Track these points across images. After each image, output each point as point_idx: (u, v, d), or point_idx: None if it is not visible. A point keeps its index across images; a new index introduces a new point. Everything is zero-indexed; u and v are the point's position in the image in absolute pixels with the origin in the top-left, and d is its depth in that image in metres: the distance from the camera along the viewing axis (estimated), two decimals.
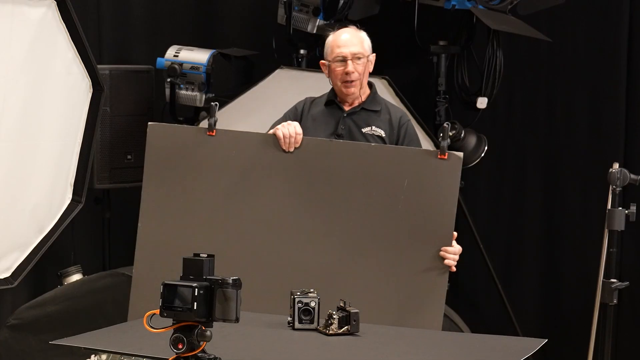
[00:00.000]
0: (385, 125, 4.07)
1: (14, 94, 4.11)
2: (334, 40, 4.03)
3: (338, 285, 3.63)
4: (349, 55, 3.97)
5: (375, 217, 3.75)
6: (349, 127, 4.04)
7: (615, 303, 3.90)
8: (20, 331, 4.37)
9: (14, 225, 4.29)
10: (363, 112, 4.08)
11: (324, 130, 4.06)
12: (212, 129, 3.77)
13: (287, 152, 3.78)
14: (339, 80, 4.02)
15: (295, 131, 3.83)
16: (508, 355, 3.04)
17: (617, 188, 3.87)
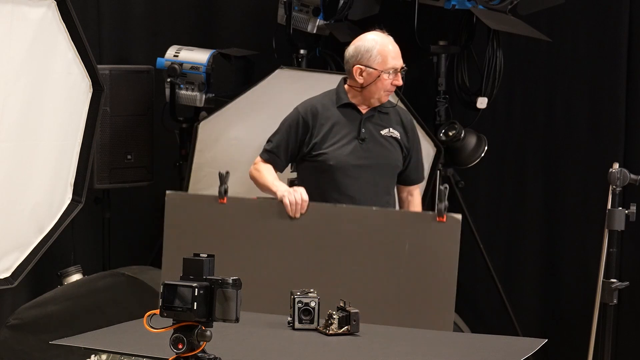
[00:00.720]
0: (398, 126, 4.12)
1: (14, 94, 4.10)
2: (386, 51, 4.04)
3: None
4: (399, 68, 4.04)
5: (379, 280, 3.79)
6: (370, 130, 4.08)
7: (615, 303, 3.90)
8: (20, 331, 4.37)
9: (14, 225, 4.29)
10: (378, 114, 4.12)
11: (345, 134, 4.08)
12: (223, 196, 3.94)
13: (294, 218, 3.88)
14: (385, 90, 4.05)
15: (301, 198, 3.91)
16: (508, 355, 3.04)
17: (617, 188, 3.86)
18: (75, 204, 4.50)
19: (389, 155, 4.09)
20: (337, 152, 4.06)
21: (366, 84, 4.06)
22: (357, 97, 4.10)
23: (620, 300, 4.01)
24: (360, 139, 4.05)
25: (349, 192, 4.03)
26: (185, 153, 5.12)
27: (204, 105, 5.09)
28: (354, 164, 4.05)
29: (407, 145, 4.14)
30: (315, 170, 4.10)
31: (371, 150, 4.07)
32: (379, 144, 4.08)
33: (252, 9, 5.65)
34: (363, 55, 4.05)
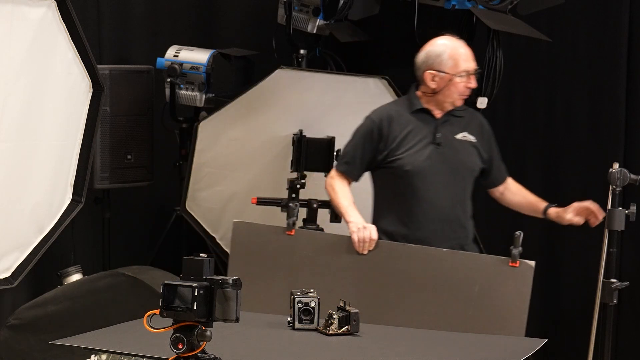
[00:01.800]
0: (474, 130, 4.12)
1: (14, 94, 4.10)
2: (458, 54, 4.05)
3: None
4: (471, 70, 4.04)
5: (445, 322, 3.73)
6: (445, 135, 4.08)
7: (615, 303, 3.90)
8: (20, 331, 4.36)
9: (14, 225, 4.29)
10: (452, 118, 4.12)
11: (420, 139, 4.07)
12: (291, 228, 3.98)
13: (361, 254, 3.87)
14: (458, 93, 4.05)
15: (370, 237, 3.88)
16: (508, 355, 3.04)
17: (617, 188, 3.86)
18: (75, 204, 4.50)
19: (465, 159, 4.08)
20: (413, 157, 4.03)
21: (439, 88, 4.05)
22: (430, 102, 4.09)
23: (620, 300, 4.00)
24: (435, 143, 4.04)
25: (426, 197, 4.00)
26: (185, 153, 5.12)
27: (204, 105, 5.09)
28: (431, 168, 4.03)
29: (485, 148, 4.13)
30: (392, 176, 4.07)
31: (447, 154, 4.05)
32: (455, 148, 4.06)
33: (252, 9, 5.65)
34: (434, 60, 4.06)
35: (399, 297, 3.85)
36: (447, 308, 3.80)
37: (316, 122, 4.91)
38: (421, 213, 4.02)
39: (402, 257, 3.88)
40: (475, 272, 3.80)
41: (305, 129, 4.77)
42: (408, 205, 4.01)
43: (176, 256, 5.01)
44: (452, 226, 4.03)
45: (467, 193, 4.11)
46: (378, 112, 4.17)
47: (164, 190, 5.46)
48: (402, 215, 4.04)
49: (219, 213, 5.04)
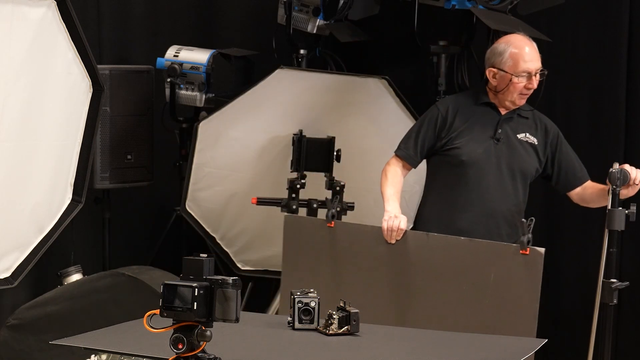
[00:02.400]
0: (537, 133, 4.14)
1: (14, 94, 4.10)
2: (519, 54, 4.04)
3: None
4: (534, 71, 4.03)
5: (464, 309, 3.85)
6: (506, 132, 4.10)
7: (615, 303, 3.90)
8: (20, 331, 4.37)
9: (14, 225, 4.29)
10: (517, 117, 4.14)
11: (481, 132, 4.10)
12: (330, 221, 4.13)
13: (390, 244, 3.98)
14: (518, 93, 4.06)
15: (398, 226, 3.95)
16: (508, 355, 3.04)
17: (617, 188, 3.86)
18: (75, 204, 4.50)
19: (521, 159, 4.10)
20: (471, 148, 4.07)
21: (499, 87, 4.08)
22: (495, 98, 4.13)
23: (620, 300, 4.00)
24: (495, 138, 4.08)
25: (475, 189, 4.04)
26: (185, 153, 5.12)
27: (204, 105, 5.09)
28: (485, 162, 4.07)
29: (547, 153, 4.14)
30: (447, 164, 4.13)
31: (504, 151, 4.09)
32: (513, 147, 4.09)
33: (252, 9, 5.65)
34: (496, 57, 4.07)
35: (423, 286, 3.95)
36: (466, 297, 3.87)
37: (316, 122, 4.91)
38: (468, 204, 4.07)
39: (425, 247, 3.97)
40: (491, 260, 3.85)
41: (305, 129, 4.77)
42: (456, 194, 4.06)
43: (176, 256, 5.01)
44: (497, 222, 4.05)
45: (518, 192, 4.13)
46: (445, 101, 4.25)
47: (164, 190, 5.46)
48: (448, 204, 4.10)
49: (219, 213, 5.04)
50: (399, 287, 3.99)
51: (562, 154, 4.18)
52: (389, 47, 5.49)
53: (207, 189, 4.98)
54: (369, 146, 4.95)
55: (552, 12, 5.03)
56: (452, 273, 3.91)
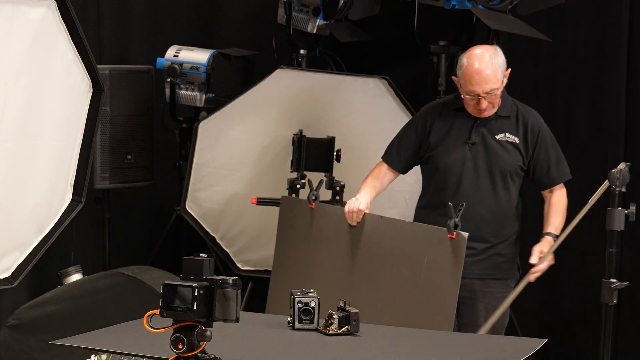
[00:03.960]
0: (519, 131, 4.12)
1: (14, 94, 4.10)
2: (468, 74, 4.00)
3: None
4: (481, 94, 4.00)
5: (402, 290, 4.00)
6: (482, 134, 4.10)
7: (615, 303, 3.89)
8: (20, 331, 4.37)
9: (14, 225, 4.28)
10: (496, 118, 4.12)
11: (457, 138, 4.12)
12: (311, 202, 4.37)
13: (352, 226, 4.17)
14: (471, 108, 4.07)
15: (357, 208, 4.11)
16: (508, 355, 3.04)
17: (617, 188, 3.86)
18: (75, 204, 4.50)
19: (499, 160, 4.09)
20: (446, 154, 4.11)
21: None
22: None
23: (620, 300, 4.00)
24: (470, 142, 4.09)
25: (455, 195, 4.06)
26: (185, 153, 5.12)
27: (204, 105, 5.09)
28: (462, 167, 4.09)
29: (530, 150, 4.12)
30: (429, 171, 4.21)
31: (481, 154, 4.09)
32: (490, 149, 4.09)
33: (252, 9, 5.65)
34: (457, 69, 4.09)
35: (373, 266, 4.11)
36: (405, 278, 3.99)
37: (316, 122, 4.91)
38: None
39: (378, 229, 4.12)
40: (426, 243, 3.96)
41: (305, 129, 4.77)
42: (439, 200, 4.08)
43: (176, 256, 5.00)
44: (476, 225, 4.05)
45: (499, 193, 4.13)
46: (428, 106, 4.29)
47: (164, 190, 5.46)
48: (432, 208, 4.15)
49: (219, 213, 5.05)
50: (353, 266, 4.16)
51: (539, 151, 4.15)
52: (389, 47, 5.49)
53: (207, 189, 4.98)
54: (369, 146, 4.95)
55: (552, 12, 5.03)
56: (395, 255, 4.03)
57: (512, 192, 4.16)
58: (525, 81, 5.34)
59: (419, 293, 3.93)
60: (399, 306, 3.97)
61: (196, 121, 4.93)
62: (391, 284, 4.03)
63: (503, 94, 4.12)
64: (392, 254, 4.05)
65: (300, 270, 4.35)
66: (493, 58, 4.01)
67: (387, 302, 4.00)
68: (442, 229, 3.89)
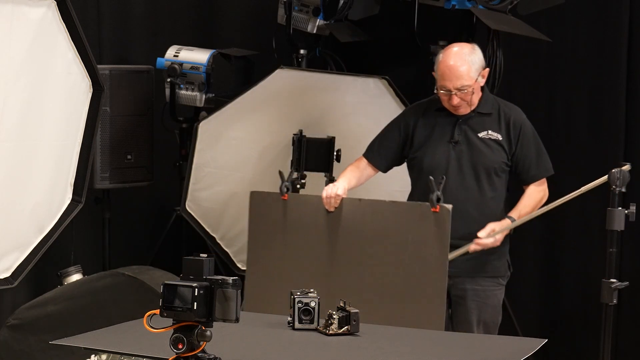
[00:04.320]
0: (501, 128, 4.14)
1: (14, 94, 4.10)
2: (441, 69, 4.07)
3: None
4: (452, 90, 4.04)
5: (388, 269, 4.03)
6: (465, 133, 4.13)
7: (615, 303, 3.89)
8: (20, 331, 4.37)
9: (14, 225, 4.28)
10: (477, 115, 4.15)
11: (440, 137, 4.15)
12: (284, 193, 4.29)
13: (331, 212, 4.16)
14: (446, 104, 4.11)
15: (335, 193, 4.12)
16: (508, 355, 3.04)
17: (617, 188, 3.86)
18: (75, 204, 4.50)
19: (483, 157, 4.12)
20: (430, 153, 4.15)
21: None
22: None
23: (620, 300, 4.00)
24: (453, 141, 4.12)
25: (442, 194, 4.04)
26: (185, 153, 5.12)
27: (204, 105, 5.09)
28: (446, 166, 4.11)
29: (512, 146, 4.14)
30: (415, 171, 4.24)
31: (464, 152, 4.12)
32: (474, 147, 4.12)
33: (252, 9, 5.65)
34: (435, 67, 4.13)
35: (356, 249, 4.12)
36: (390, 257, 4.03)
37: (316, 122, 4.91)
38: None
39: (358, 212, 4.14)
40: (409, 220, 4.01)
41: (305, 129, 4.76)
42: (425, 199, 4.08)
43: (176, 256, 5.00)
44: (464, 222, 4.06)
45: (484, 190, 4.14)
46: (412, 106, 4.34)
47: (164, 190, 5.46)
48: None
49: (219, 213, 5.04)
50: (336, 252, 4.16)
51: (521, 148, 4.17)
52: (389, 47, 5.49)
53: (207, 189, 4.98)
54: None
55: (552, 12, 5.03)
56: (378, 235, 4.07)
57: (499, 189, 4.17)
58: (525, 81, 5.35)
59: (406, 270, 3.97)
60: (387, 286, 3.99)
61: (196, 121, 4.93)
62: (377, 265, 4.05)
63: (484, 91, 4.16)
64: (374, 235, 4.07)
65: (279, 264, 4.30)
66: (468, 55, 4.06)
67: (374, 284, 4.02)
68: (424, 203, 3.96)
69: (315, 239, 4.23)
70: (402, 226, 4.01)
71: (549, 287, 5.35)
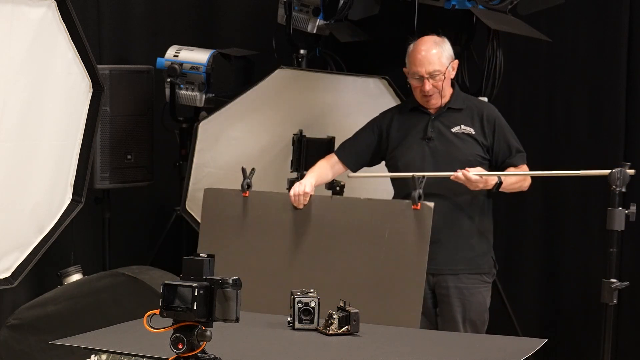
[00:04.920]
0: (474, 122, 4.19)
1: (14, 94, 4.10)
2: (412, 56, 4.15)
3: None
4: (425, 74, 4.11)
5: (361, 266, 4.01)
6: (438, 129, 4.18)
7: (615, 303, 3.90)
8: (20, 331, 4.36)
9: (14, 225, 4.29)
10: (450, 111, 4.21)
11: (414, 137, 4.20)
12: (245, 190, 4.23)
13: (298, 209, 4.13)
14: (419, 95, 4.17)
15: (304, 191, 4.12)
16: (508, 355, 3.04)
17: (617, 188, 3.86)
18: (75, 204, 4.50)
19: (458, 152, 4.15)
20: (405, 153, 4.19)
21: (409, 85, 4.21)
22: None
23: (620, 300, 4.00)
24: (427, 138, 4.16)
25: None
26: (185, 153, 5.12)
27: (204, 105, 5.09)
28: (422, 164, 4.15)
29: (488, 141, 4.18)
30: (392, 169, 4.28)
31: (439, 148, 4.16)
32: (448, 142, 4.17)
33: (252, 9, 5.65)
34: (406, 59, 4.20)
35: (326, 246, 4.09)
36: (364, 254, 4.01)
37: (316, 122, 4.91)
38: None
39: (329, 209, 4.13)
40: (386, 217, 4.00)
41: (305, 129, 4.76)
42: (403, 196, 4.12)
43: (176, 256, 5.01)
44: (442, 217, 4.07)
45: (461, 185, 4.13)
46: (388, 109, 4.37)
47: (164, 190, 5.46)
48: None
49: None
50: (304, 249, 4.13)
51: (499, 141, 4.21)
52: (389, 47, 5.48)
53: None
54: None
55: (552, 12, 5.03)
56: (351, 232, 4.05)
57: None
58: (525, 81, 5.35)
59: (381, 268, 3.96)
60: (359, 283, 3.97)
61: (196, 121, 4.93)
62: (348, 262, 4.03)
63: (455, 88, 4.23)
64: (345, 231, 4.06)
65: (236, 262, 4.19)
66: (439, 44, 4.16)
67: (344, 281, 3.99)
68: (405, 201, 3.98)
69: (279, 235, 4.18)
70: (378, 222, 4.00)
71: (549, 287, 5.35)
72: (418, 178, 3.92)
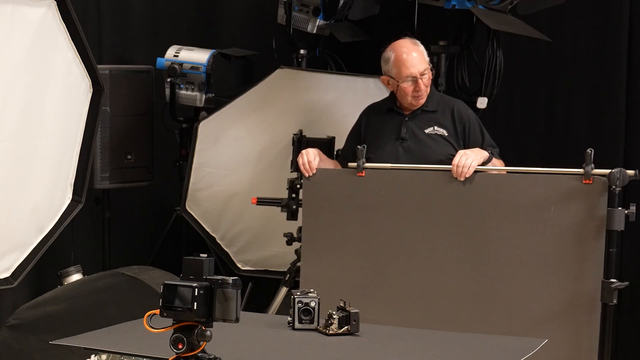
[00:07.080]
0: (447, 122, 4.24)
1: (14, 94, 4.10)
2: (400, 61, 4.22)
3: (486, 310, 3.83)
4: (417, 75, 4.18)
5: (523, 244, 3.85)
6: (411, 130, 4.24)
7: (615, 303, 3.89)
8: (20, 331, 4.37)
9: (14, 225, 4.29)
10: (423, 113, 4.28)
11: (389, 137, 4.26)
12: (361, 169, 4.08)
13: (427, 188, 3.96)
14: (410, 96, 4.21)
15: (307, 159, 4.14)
16: (508, 355, 3.04)
17: (616, 188, 3.86)
18: (75, 204, 4.50)
19: (431, 152, 4.20)
20: (379, 153, 4.23)
21: (395, 91, 4.26)
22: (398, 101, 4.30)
23: (620, 300, 4.00)
24: (400, 139, 4.21)
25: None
26: (185, 153, 5.12)
27: (204, 105, 5.09)
28: (394, 162, 4.17)
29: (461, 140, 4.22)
30: None
31: (413, 149, 4.21)
32: (422, 143, 4.22)
33: (252, 9, 5.65)
34: (385, 65, 4.28)
35: (477, 225, 3.91)
36: (524, 231, 3.85)
37: (316, 122, 4.91)
38: None
39: (478, 186, 3.92)
40: (550, 192, 3.85)
41: (305, 129, 4.77)
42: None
43: (176, 256, 5.01)
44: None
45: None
46: (365, 109, 4.43)
47: (164, 190, 5.47)
48: None
49: (219, 213, 5.05)
50: (451, 229, 3.95)
51: (472, 138, 4.24)
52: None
53: (207, 189, 4.98)
54: None
55: (552, 12, 5.03)
56: (508, 209, 3.88)
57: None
58: (525, 81, 5.34)
59: (550, 245, 3.80)
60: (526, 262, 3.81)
61: (196, 121, 4.94)
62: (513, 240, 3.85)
63: (433, 91, 4.30)
64: (505, 208, 3.86)
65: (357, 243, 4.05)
66: (417, 44, 4.26)
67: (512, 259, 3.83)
68: (573, 174, 3.83)
69: (412, 218, 3.98)
70: (540, 199, 3.82)
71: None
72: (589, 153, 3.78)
